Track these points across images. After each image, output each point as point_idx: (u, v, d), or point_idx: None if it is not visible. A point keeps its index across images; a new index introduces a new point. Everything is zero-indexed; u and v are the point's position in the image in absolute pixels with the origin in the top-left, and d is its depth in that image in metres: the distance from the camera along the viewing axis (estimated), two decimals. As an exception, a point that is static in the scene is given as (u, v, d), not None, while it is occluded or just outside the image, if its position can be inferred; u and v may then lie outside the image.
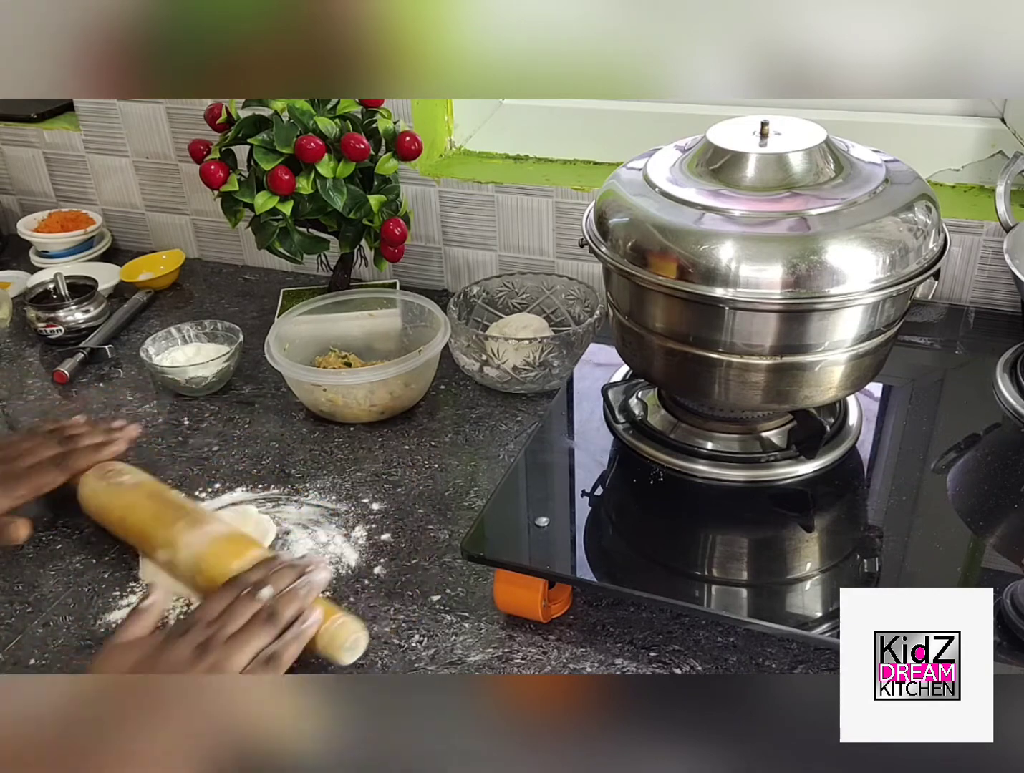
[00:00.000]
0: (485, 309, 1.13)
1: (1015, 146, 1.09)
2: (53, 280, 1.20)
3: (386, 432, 1.00)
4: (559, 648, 0.73)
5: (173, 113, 1.31)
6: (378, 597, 0.79)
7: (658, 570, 0.72)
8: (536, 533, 0.75)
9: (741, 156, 0.72)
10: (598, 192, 0.80)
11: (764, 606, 0.69)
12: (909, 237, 0.70)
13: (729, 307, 0.70)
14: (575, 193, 1.15)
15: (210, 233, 1.40)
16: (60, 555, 0.85)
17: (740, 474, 0.79)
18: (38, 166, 1.45)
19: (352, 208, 1.05)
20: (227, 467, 0.95)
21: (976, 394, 0.90)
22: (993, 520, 0.75)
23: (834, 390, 0.76)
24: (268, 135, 1.01)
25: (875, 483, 0.81)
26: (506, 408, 1.03)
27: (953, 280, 1.06)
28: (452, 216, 1.23)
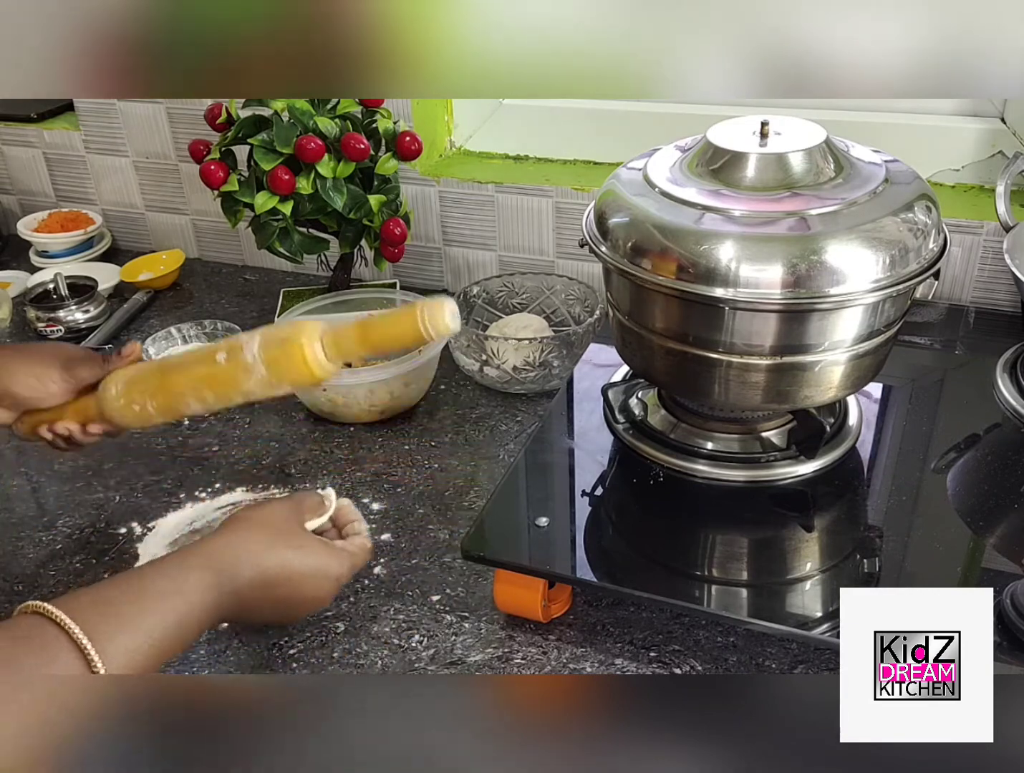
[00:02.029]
0: (485, 309, 1.13)
1: (1015, 146, 1.09)
2: (53, 280, 1.20)
3: (386, 432, 1.00)
4: (559, 648, 0.73)
5: (173, 113, 1.31)
6: (378, 597, 0.79)
7: (658, 570, 0.72)
8: (536, 533, 0.75)
9: (741, 156, 0.72)
10: (598, 192, 0.80)
11: (764, 606, 0.69)
12: (909, 237, 0.70)
13: (729, 307, 0.70)
14: (575, 193, 1.15)
15: (210, 233, 1.40)
16: (60, 555, 0.85)
17: (740, 474, 0.79)
18: (38, 166, 1.45)
19: (352, 208, 1.05)
20: (227, 467, 0.95)
21: (976, 394, 0.90)
22: (993, 520, 0.75)
23: (834, 390, 0.76)
24: (268, 135, 1.01)
25: (875, 483, 0.81)
26: (506, 408, 1.03)
27: (953, 280, 1.06)
28: (452, 216, 1.23)
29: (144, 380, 0.79)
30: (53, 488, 0.94)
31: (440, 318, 0.67)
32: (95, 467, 0.96)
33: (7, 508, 0.92)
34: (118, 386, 0.79)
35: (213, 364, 0.74)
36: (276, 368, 0.72)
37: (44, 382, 0.78)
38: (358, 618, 0.77)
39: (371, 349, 0.72)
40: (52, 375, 0.79)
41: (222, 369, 0.74)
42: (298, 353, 0.71)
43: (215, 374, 0.74)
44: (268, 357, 0.72)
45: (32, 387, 0.78)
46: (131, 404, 0.78)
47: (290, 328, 0.72)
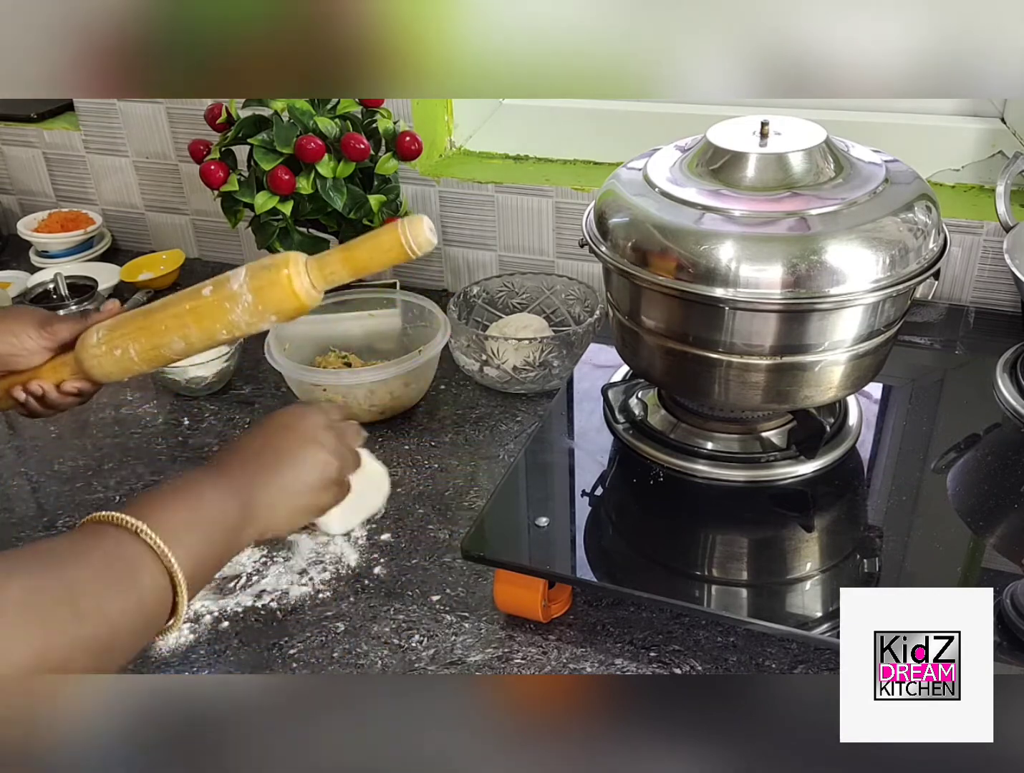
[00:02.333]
0: (485, 309, 1.13)
1: (1015, 146, 1.09)
2: (53, 280, 1.20)
3: (386, 432, 1.00)
4: (559, 648, 0.73)
5: (173, 113, 1.31)
6: (378, 597, 0.79)
7: (658, 570, 0.72)
8: (536, 533, 0.75)
9: (741, 156, 0.72)
10: (598, 192, 0.80)
11: (764, 606, 0.69)
12: (909, 237, 0.70)
13: (729, 307, 0.70)
14: (575, 193, 1.15)
15: (210, 233, 1.40)
16: (60, 555, 0.85)
17: (740, 474, 0.79)
18: (38, 166, 1.45)
19: (352, 208, 1.05)
20: (227, 467, 0.95)
21: (976, 394, 0.90)
22: (993, 520, 0.75)
23: (834, 390, 0.76)
24: (268, 135, 1.01)
25: (875, 483, 0.81)
26: (506, 408, 1.03)
27: (953, 280, 1.06)
28: (452, 216, 1.23)
29: (127, 322, 0.79)
30: (53, 488, 0.94)
31: (420, 233, 0.69)
32: (95, 467, 0.96)
33: (7, 508, 0.92)
34: (99, 333, 0.78)
35: (199, 297, 0.75)
36: (262, 295, 0.74)
37: (21, 338, 0.77)
38: (358, 618, 0.77)
39: (355, 270, 0.75)
40: (29, 332, 0.77)
41: (207, 301, 0.75)
42: (284, 278, 0.73)
43: (200, 306, 0.75)
44: (254, 285, 0.74)
45: (9, 344, 0.77)
46: (112, 350, 0.77)
47: (276, 257, 0.74)
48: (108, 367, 0.79)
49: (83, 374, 0.80)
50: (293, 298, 0.74)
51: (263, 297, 0.74)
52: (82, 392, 0.81)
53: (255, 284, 0.74)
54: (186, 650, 0.75)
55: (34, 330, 0.78)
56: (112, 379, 0.81)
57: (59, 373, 0.80)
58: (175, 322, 0.77)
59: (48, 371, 0.81)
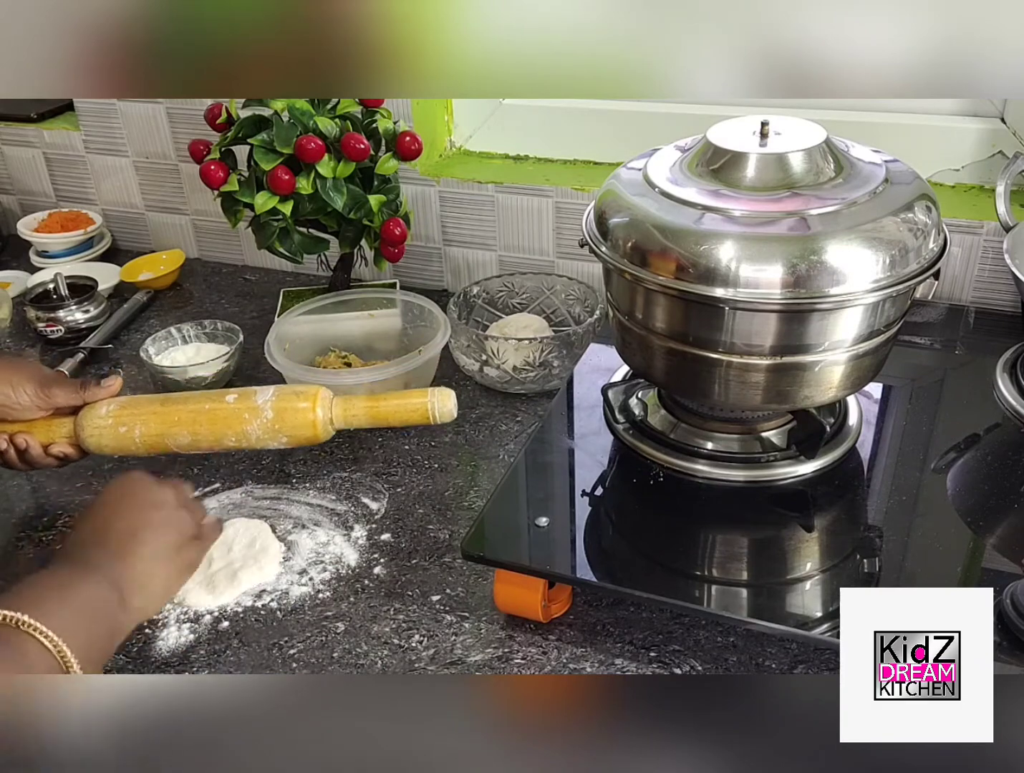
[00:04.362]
0: (485, 309, 1.13)
1: (1015, 146, 1.09)
2: (53, 280, 1.20)
3: (386, 432, 1.00)
4: (559, 648, 0.73)
5: (173, 113, 1.31)
6: (378, 597, 0.79)
7: (658, 570, 0.72)
8: (536, 533, 0.75)
9: (741, 156, 0.72)
10: (598, 192, 0.80)
11: (764, 606, 0.69)
12: (909, 237, 0.70)
13: (729, 307, 0.70)
14: (575, 193, 1.15)
15: (210, 233, 1.40)
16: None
17: (740, 474, 0.79)
18: (38, 166, 1.45)
19: (352, 208, 1.05)
20: (227, 467, 0.95)
21: (976, 394, 0.90)
22: (993, 520, 0.75)
23: (834, 390, 0.76)
24: (268, 135, 1.01)
25: (875, 483, 0.81)
26: (506, 408, 1.03)
27: (953, 280, 1.06)
28: (452, 216, 1.23)
29: (141, 404, 0.82)
30: (53, 488, 0.94)
31: (447, 405, 0.79)
32: (95, 467, 0.96)
33: (7, 508, 0.92)
34: (109, 406, 0.80)
35: (221, 401, 0.79)
36: (282, 416, 0.78)
37: (17, 392, 0.80)
38: (358, 618, 0.77)
39: (375, 420, 0.81)
40: (26, 387, 0.80)
41: (228, 407, 0.79)
42: (308, 408, 0.79)
43: (218, 410, 0.79)
44: (279, 405, 0.79)
45: (5, 394, 0.79)
46: (118, 426, 0.80)
47: (308, 388, 0.80)
48: (106, 441, 0.81)
49: (76, 441, 0.82)
50: (310, 428, 0.79)
51: (282, 419, 0.79)
52: (67, 458, 0.83)
53: (279, 405, 0.79)
54: (186, 650, 0.75)
55: (32, 388, 0.80)
56: (103, 453, 0.84)
57: (52, 434, 0.82)
58: (189, 417, 0.80)
59: (41, 429, 0.82)
